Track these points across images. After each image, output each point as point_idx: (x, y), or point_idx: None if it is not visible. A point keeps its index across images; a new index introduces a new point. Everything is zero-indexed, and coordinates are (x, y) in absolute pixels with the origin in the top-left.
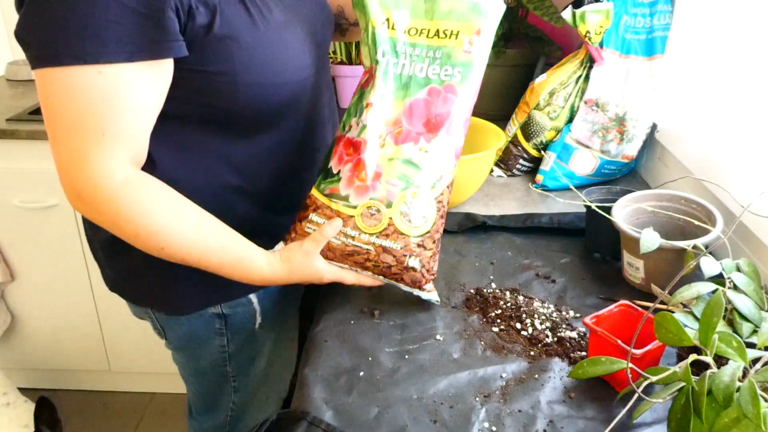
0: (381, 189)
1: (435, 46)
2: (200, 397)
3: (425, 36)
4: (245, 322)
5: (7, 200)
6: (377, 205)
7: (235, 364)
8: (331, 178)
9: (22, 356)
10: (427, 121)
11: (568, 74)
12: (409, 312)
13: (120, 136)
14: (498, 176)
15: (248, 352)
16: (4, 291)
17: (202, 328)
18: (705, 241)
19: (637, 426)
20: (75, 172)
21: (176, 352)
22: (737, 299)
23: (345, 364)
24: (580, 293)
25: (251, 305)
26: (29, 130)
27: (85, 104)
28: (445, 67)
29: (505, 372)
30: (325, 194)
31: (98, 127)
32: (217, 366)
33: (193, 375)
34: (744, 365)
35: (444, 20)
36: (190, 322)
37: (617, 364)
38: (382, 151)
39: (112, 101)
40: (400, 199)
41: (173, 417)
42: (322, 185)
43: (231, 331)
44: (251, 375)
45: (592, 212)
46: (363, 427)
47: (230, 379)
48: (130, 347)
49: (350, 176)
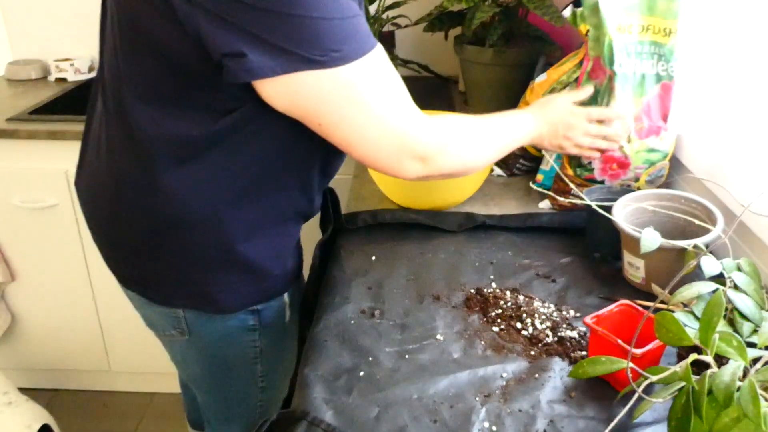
0: (630, 173)
1: (659, 43)
2: (223, 401)
3: (651, 33)
4: (276, 316)
5: (7, 200)
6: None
7: (265, 362)
8: (584, 167)
9: (22, 356)
10: (663, 114)
11: (568, 73)
12: (409, 312)
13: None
14: (498, 176)
15: (278, 347)
16: (5, 291)
17: (237, 325)
18: (705, 241)
19: (637, 425)
20: (413, 135)
21: (201, 352)
22: (738, 299)
23: (345, 364)
24: (581, 293)
25: (282, 298)
26: (29, 129)
27: (389, 75)
28: (670, 63)
29: (506, 372)
30: (583, 178)
31: (403, 90)
32: (246, 364)
33: (219, 377)
34: (744, 365)
35: (663, 18)
36: (225, 320)
37: (618, 364)
38: (629, 145)
39: (392, 68)
40: (645, 174)
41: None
42: (578, 170)
43: (263, 326)
44: (279, 372)
45: (592, 212)
46: (363, 427)
47: (258, 379)
48: (131, 347)
49: (603, 167)
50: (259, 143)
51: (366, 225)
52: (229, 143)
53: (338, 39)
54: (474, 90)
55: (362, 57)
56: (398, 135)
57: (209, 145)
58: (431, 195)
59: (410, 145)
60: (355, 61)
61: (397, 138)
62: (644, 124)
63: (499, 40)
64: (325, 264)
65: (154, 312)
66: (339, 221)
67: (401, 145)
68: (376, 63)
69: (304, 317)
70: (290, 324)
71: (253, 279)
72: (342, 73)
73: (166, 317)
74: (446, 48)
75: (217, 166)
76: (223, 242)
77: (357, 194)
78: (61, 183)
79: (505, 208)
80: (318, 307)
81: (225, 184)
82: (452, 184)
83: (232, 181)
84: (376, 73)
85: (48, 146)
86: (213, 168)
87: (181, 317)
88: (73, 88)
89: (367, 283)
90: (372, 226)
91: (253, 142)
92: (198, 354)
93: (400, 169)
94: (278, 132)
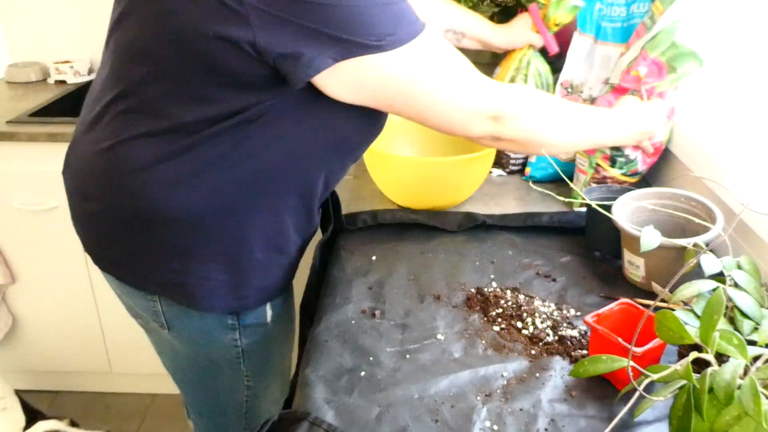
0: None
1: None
2: (209, 398)
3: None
4: (258, 317)
5: (7, 202)
6: None
7: (249, 363)
8: (631, 163)
9: (23, 358)
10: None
11: (518, 58)
12: (409, 312)
13: None
14: (498, 175)
15: (262, 347)
16: (5, 293)
17: (215, 324)
18: (705, 239)
19: (638, 424)
20: (485, 95)
21: (185, 346)
22: (738, 297)
23: (346, 364)
24: (581, 292)
25: (264, 308)
26: (29, 132)
27: (448, 49)
28: None
29: (506, 371)
30: (629, 174)
31: (465, 60)
32: (230, 363)
33: (202, 374)
34: (745, 363)
35: None
36: (202, 317)
37: (618, 363)
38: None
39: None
40: None
41: (175, 418)
42: (624, 168)
43: (242, 326)
44: (266, 371)
45: (592, 211)
46: (364, 427)
47: (243, 379)
48: (132, 348)
49: (643, 158)
50: (264, 144)
51: (366, 225)
52: (230, 139)
53: (390, 23)
54: None
55: (416, 37)
56: (470, 98)
57: (204, 139)
58: (431, 195)
59: (484, 105)
60: (411, 42)
61: (470, 101)
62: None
63: None
64: (325, 264)
65: (132, 300)
66: (339, 221)
67: (475, 108)
68: (432, 41)
69: (305, 317)
70: (273, 324)
71: (231, 282)
72: (402, 54)
73: (145, 307)
74: None
75: (214, 165)
76: (209, 241)
77: (357, 194)
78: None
79: (505, 208)
80: (318, 307)
81: (222, 183)
82: (452, 185)
83: (229, 181)
84: (434, 49)
85: (47, 148)
86: (207, 165)
87: (159, 310)
88: (73, 90)
89: (367, 283)
90: (372, 226)
91: (258, 140)
92: (181, 350)
93: (473, 129)
94: (285, 136)
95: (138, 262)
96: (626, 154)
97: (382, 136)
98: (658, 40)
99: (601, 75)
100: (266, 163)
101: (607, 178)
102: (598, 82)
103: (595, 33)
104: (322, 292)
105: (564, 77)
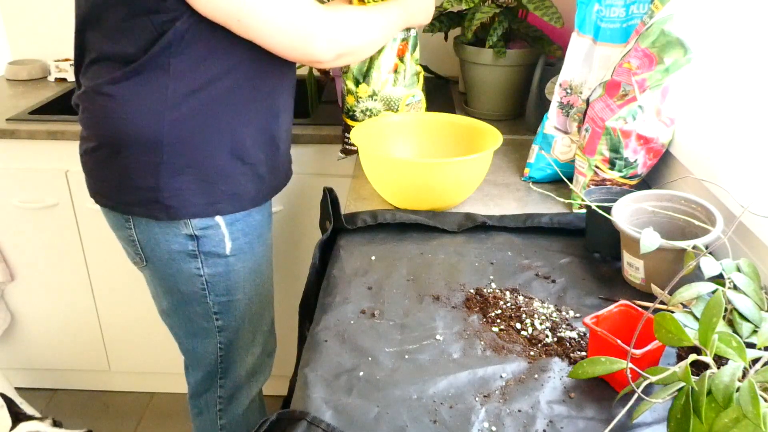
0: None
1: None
2: (188, 336)
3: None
4: (216, 245)
5: (7, 200)
6: None
7: (214, 296)
8: (630, 166)
9: (21, 356)
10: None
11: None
12: (408, 312)
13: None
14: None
15: (224, 281)
16: (4, 291)
17: (178, 249)
18: (705, 242)
19: (636, 426)
20: (318, 20)
21: (159, 280)
22: (737, 299)
23: (345, 364)
24: (580, 293)
25: (219, 228)
26: (29, 129)
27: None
28: None
29: (505, 372)
30: (628, 177)
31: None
32: (197, 295)
33: (179, 306)
34: (744, 365)
35: None
36: (167, 240)
37: (617, 364)
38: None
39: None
40: None
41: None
42: (623, 171)
43: (202, 252)
44: (233, 311)
45: (592, 212)
46: (363, 428)
47: (213, 316)
48: (130, 347)
49: (644, 161)
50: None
51: (366, 225)
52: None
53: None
54: (474, 90)
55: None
56: (303, 22)
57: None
58: (430, 196)
59: (317, 29)
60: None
61: (302, 24)
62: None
63: (499, 40)
64: (324, 264)
65: (117, 231)
66: (339, 221)
67: (309, 31)
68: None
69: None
70: (234, 258)
71: (201, 189)
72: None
73: (126, 237)
74: (446, 48)
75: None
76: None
77: (357, 194)
78: (61, 183)
79: (504, 209)
80: (317, 307)
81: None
82: (452, 185)
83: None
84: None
85: (48, 146)
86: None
87: (135, 238)
88: (73, 88)
89: (366, 283)
90: (372, 226)
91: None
92: (158, 284)
93: (313, 53)
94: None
95: (117, 184)
96: (626, 157)
97: (380, 136)
98: (650, 31)
99: (600, 76)
100: (202, 80)
101: (606, 181)
102: (597, 82)
103: (594, 34)
104: (321, 291)
105: (563, 78)
